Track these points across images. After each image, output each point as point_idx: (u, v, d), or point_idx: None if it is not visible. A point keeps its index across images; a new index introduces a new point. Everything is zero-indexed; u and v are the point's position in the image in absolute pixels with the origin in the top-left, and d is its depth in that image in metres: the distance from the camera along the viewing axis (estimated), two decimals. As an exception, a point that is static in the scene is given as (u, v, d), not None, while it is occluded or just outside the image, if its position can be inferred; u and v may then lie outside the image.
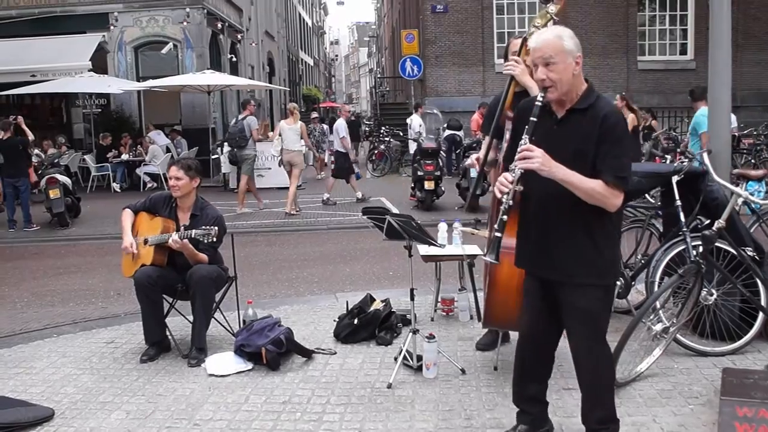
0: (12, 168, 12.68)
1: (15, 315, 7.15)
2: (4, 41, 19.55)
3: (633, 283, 5.39)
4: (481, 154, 4.93)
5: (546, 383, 3.63)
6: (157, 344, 5.32)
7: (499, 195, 3.26)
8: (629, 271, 5.45)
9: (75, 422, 4.26)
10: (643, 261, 5.55)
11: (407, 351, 4.82)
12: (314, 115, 25.38)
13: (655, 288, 4.84)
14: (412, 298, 4.89)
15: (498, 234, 3.27)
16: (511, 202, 3.24)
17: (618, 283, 5.14)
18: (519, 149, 3.20)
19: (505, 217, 3.24)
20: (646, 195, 7.98)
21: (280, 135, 13.23)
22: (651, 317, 4.56)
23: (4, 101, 20.91)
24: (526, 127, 3.25)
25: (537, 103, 3.27)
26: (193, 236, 5.03)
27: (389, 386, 4.53)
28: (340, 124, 14.35)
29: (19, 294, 8.04)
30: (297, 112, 13.82)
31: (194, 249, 5.12)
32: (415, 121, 17.28)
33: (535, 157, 3.12)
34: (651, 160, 11.52)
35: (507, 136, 4.38)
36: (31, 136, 13.67)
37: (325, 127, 21.79)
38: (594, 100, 3.24)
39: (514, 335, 5.23)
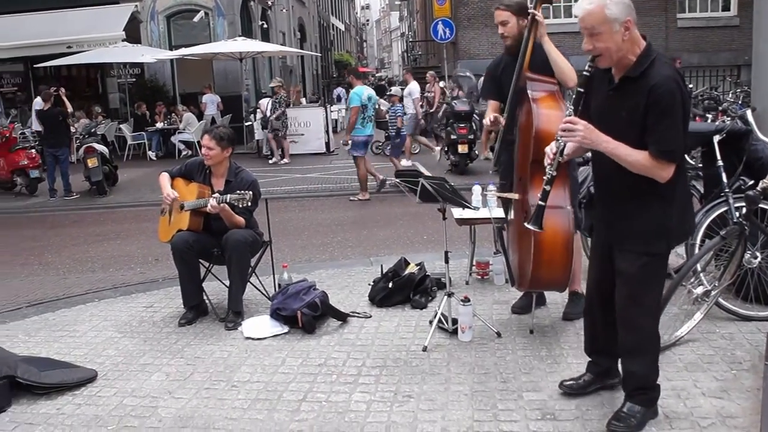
0: (52, 138, 12.91)
1: (58, 280, 7.30)
2: (40, 14, 19.73)
3: (673, 246, 5.29)
4: (488, 119, 4.86)
5: (616, 338, 3.60)
6: (195, 308, 5.40)
7: (545, 165, 3.26)
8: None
9: (117, 383, 4.35)
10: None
11: (442, 314, 4.81)
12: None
13: (696, 250, 4.75)
14: (447, 261, 4.86)
15: (542, 203, 3.26)
16: (554, 173, 3.21)
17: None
18: (562, 120, 3.16)
19: (548, 187, 3.23)
20: (685, 156, 7.85)
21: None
22: (692, 280, 4.48)
23: (42, 73, 21.18)
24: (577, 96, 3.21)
25: (584, 73, 3.20)
26: (228, 201, 5.05)
27: (424, 349, 4.54)
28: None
29: (61, 260, 8.19)
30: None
31: (232, 212, 5.14)
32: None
33: (577, 130, 3.08)
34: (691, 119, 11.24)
35: (530, 95, 4.31)
36: (69, 108, 13.86)
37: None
38: (646, 66, 3.09)
39: (550, 298, 5.22)
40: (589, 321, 3.76)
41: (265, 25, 26.32)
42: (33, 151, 13.48)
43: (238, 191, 5.10)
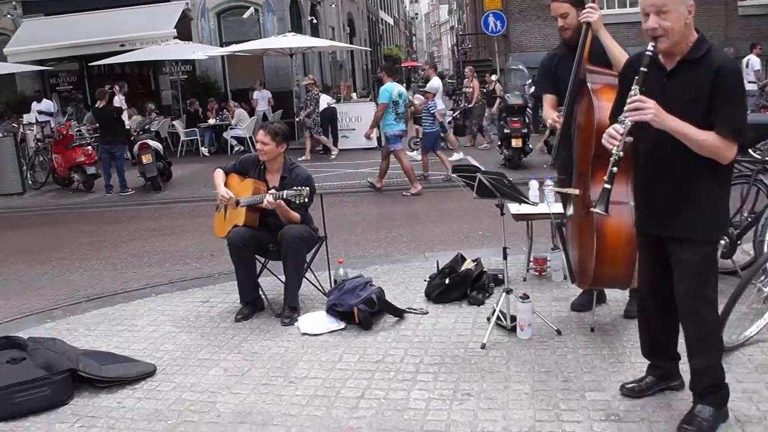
0: (108, 135, 13.15)
1: (116, 275, 7.42)
2: (94, 13, 20.14)
3: (739, 242, 5.13)
4: (553, 115, 4.76)
5: (674, 338, 3.57)
6: (251, 303, 5.41)
7: (609, 146, 3.18)
8: (734, 229, 5.18)
9: (176, 378, 4.39)
10: (750, 219, 5.27)
11: (501, 311, 4.73)
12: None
13: (765, 248, 4.58)
14: (505, 257, 4.78)
15: (608, 186, 3.21)
16: (621, 154, 3.15)
17: (722, 242, 4.91)
18: (629, 100, 3.09)
19: (615, 168, 3.19)
20: (749, 150, 7.61)
21: None
22: (761, 278, 4.32)
23: (96, 71, 21.63)
24: (636, 77, 3.12)
25: (647, 53, 3.14)
26: (284, 197, 5.05)
27: (483, 346, 4.47)
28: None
29: (118, 255, 8.33)
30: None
31: (288, 208, 5.14)
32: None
33: (647, 108, 3.02)
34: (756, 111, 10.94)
35: (590, 88, 4.20)
36: (123, 106, 14.09)
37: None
38: (706, 50, 3.11)
39: (610, 295, 5.10)
40: (645, 322, 3.67)
41: (315, 21, 26.40)
42: (89, 147, 13.75)
43: (294, 187, 5.08)
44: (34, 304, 6.50)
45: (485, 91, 16.55)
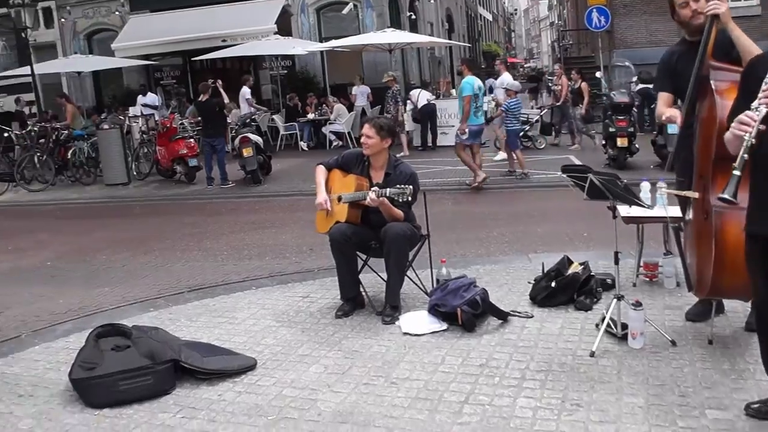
0: (210, 128, 13.43)
1: (217, 267, 7.53)
2: (197, 9, 20.73)
3: None
4: (672, 112, 4.50)
5: None
6: (352, 300, 5.36)
7: (739, 134, 3.00)
8: None
9: (276, 373, 4.37)
10: None
11: (611, 318, 4.51)
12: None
13: None
14: (617, 262, 4.56)
15: (737, 172, 2.99)
16: (753, 141, 2.93)
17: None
18: (764, 87, 2.95)
19: (746, 155, 2.97)
20: None
21: None
22: None
23: (198, 66, 22.24)
24: None
25: None
26: (388, 195, 4.96)
27: (592, 354, 4.26)
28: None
29: (219, 247, 8.46)
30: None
31: (391, 205, 5.05)
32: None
33: None
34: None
35: (713, 86, 3.94)
36: (226, 99, 14.39)
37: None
38: None
39: (729, 305, 4.79)
40: (766, 336, 3.38)
41: (413, 16, 26.31)
42: (191, 140, 14.09)
43: (398, 185, 4.99)
44: (138, 293, 6.67)
45: (572, 89, 16.05)
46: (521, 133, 13.62)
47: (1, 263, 8.52)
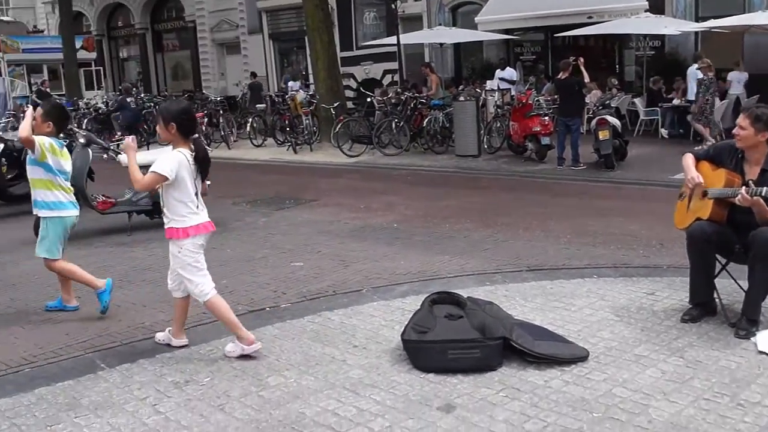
0: (566, 107, 13.22)
1: (559, 249, 7.36)
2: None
3: None
4: None
5: None
6: (702, 305, 4.90)
7: None
8: None
9: (608, 369, 4.17)
10: None
11: None
12: None
13: None
14: None
15: None
16: None
17: None
18: None
19: None
20: None
21: None
22: None
23: (560, 43, 21.95)
24: None
25: None
26: (763, 194, 4.38)
27: None
28: None
29: (562, 229, 8.27)
30: None
31: (766, 206, 4.45)
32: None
33: None
34: None
35: None
36: (586, 78, 14.00)
37: None
38: None
39: None
40: None
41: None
42: (546, 118, 13.98)
43: (776, 185, 4.38)
44: (476, 265, 6.78)
45: None
46: None
47: (354, 220, 9.28)
